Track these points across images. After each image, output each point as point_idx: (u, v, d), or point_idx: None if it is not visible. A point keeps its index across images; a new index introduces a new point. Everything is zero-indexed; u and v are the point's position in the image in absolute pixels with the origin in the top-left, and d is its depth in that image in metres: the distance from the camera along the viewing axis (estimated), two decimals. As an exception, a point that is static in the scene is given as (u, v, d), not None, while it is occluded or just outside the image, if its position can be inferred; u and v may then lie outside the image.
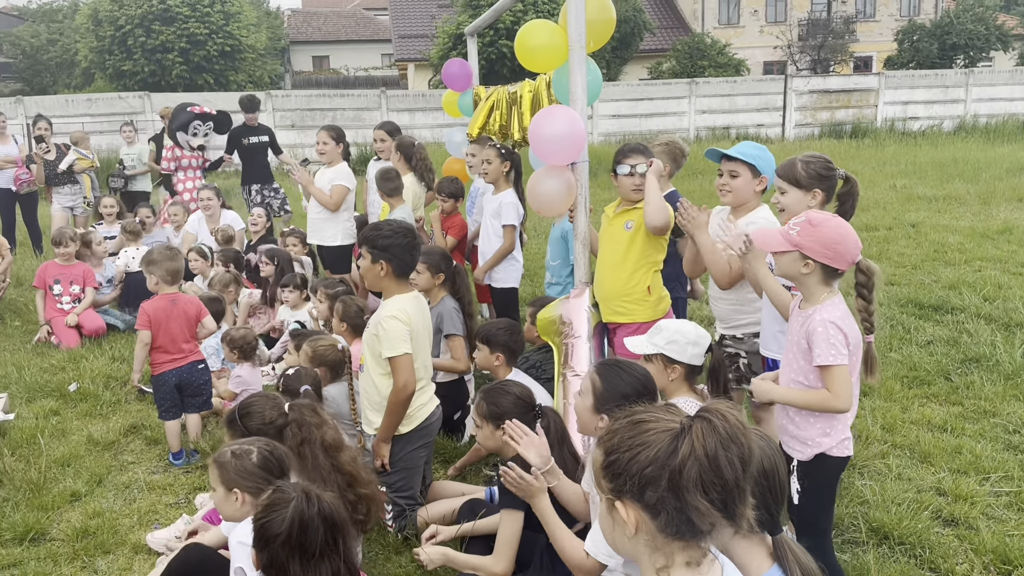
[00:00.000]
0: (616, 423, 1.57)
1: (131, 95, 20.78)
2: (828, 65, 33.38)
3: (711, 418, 1.50)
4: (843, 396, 2.74)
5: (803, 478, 2.89)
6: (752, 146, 3.74)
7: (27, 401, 5.70)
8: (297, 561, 2.24)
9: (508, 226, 5.58)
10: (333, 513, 2.28)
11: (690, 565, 1.54)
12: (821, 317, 2.75)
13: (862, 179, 14.29)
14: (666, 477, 1.46)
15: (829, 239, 2.77)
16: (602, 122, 22.52)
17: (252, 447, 2.92)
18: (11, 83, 38.20)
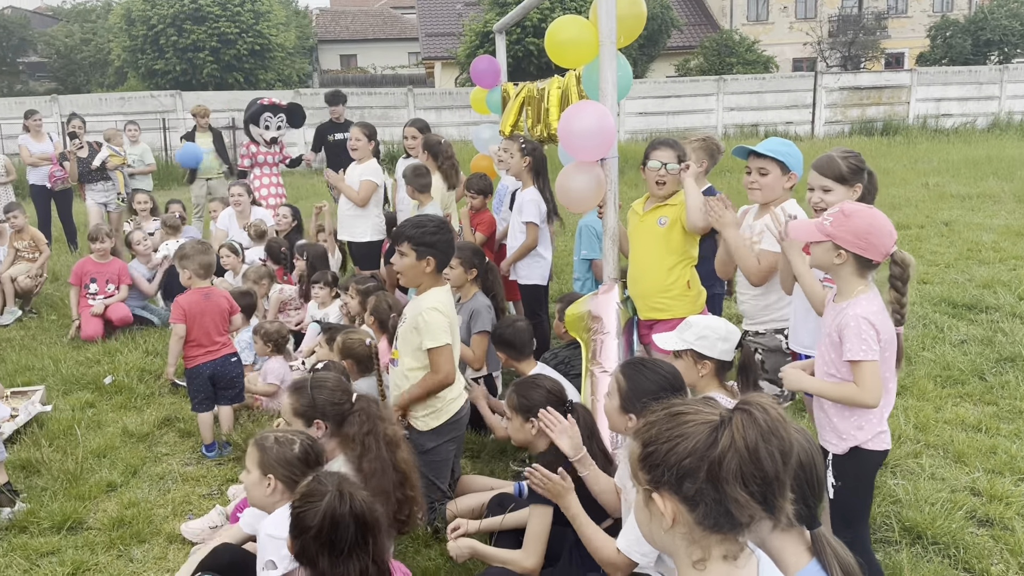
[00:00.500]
0: (653, 415, 1.56)
1: (163, 94, 21.06)
2: (859, 62, 32.99)
3: (752, 410, 1.49)
4: (871, 392, 2.72)
5: (838, 472, 2.89)
6: (780, 142, 3.71)
7: (64, 393, 5.81)
8: (326, 557, 2.25)
9: (530, 223, 5.59)
10: (365, 512, 2.28)
11: (727, 559, 1.53)
12: (854, 312, 2.73)
13: (893, 177, 14.16)
14: (705, 469, 1.45)
15: (862, 229, 2.74)
16: (629, 120, 22.44)
17: (296, 437, 2.95)
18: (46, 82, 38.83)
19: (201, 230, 9.96)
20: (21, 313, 7.86)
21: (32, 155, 10.31)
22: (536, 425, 3.35)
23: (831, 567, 2.02)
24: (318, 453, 2.98)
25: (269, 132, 9.24)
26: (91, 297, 7.24)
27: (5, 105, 19.72)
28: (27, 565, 3.66)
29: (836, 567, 2.02)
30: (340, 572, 2.23)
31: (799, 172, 3.67)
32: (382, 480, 3.27)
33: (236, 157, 19.40)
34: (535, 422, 3.35)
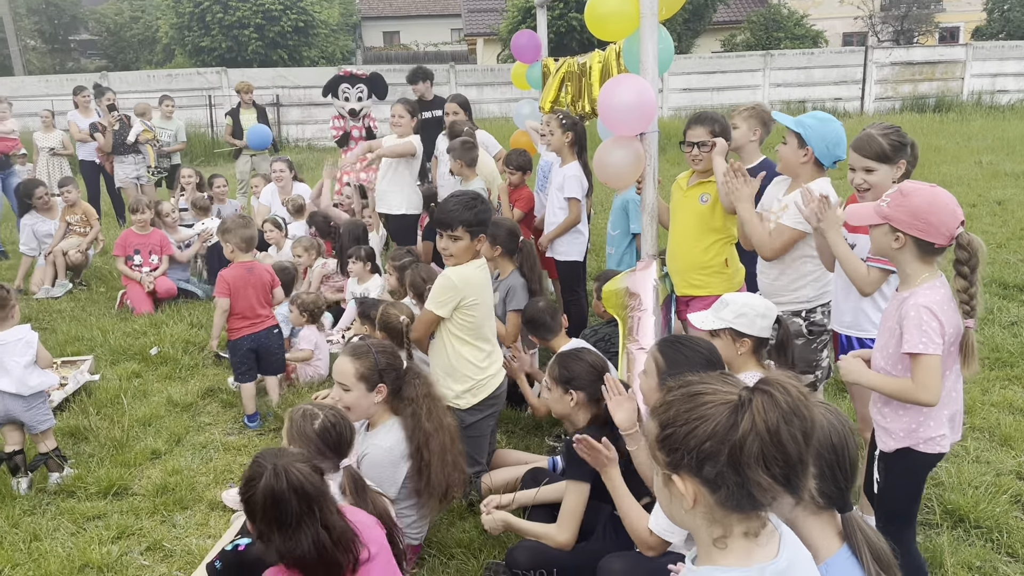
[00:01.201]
0: (671, 394, 1.52)
1: (209, 71, 21.27)
2: (912, 36, 32.04)
3: (772, 391, 1.44)
4: (930, 388, 2.52)
5: (884, 469, 2.76)
6: (814, 116, 3.60)
7: (111, 363, 5.95)
8: (277, 533, 2.27)
9: (572, 199, 5.54)
10: (303, 482, 2.27)
11: (748, 535, 1.51)
12: (915, 302, 2.56)
13: (945, 155, 13.81)
14: (726, 452, 1.42)
15: (919, 209, 2.55)
16: (672, 96, 22.12)
17: (320, 413, 2.96)
18: (96, 60, 39.50)
19: (245, 205, 10.10)
20: (72, 286, 8.06)
21: (81, 131, 10.51)
22: (575, 398, 3.35)
23: (861, 553, 1.98)
24: (339, 432, 2.96)
25: (350, 104, 8.85)
26: (136, 268, 7.40)
27: (57, 82, 20.09)
28: (74, 528, 3.78)
29: (867, 553, 1.98)
30: (293, 545, 2.24)
31: (815, 148, 3.54)
32: (441, 438, 3.36)
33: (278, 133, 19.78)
34: (574, 394, 3.35)
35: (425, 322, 3.86)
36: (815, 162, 3.60)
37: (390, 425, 3.36)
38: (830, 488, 2.01)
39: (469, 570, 3.34)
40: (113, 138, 10.15)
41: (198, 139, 18.81)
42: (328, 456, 2.93)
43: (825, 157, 3.59)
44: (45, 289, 7.87)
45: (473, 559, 3.39)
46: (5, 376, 4.13)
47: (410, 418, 3.34)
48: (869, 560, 1.99)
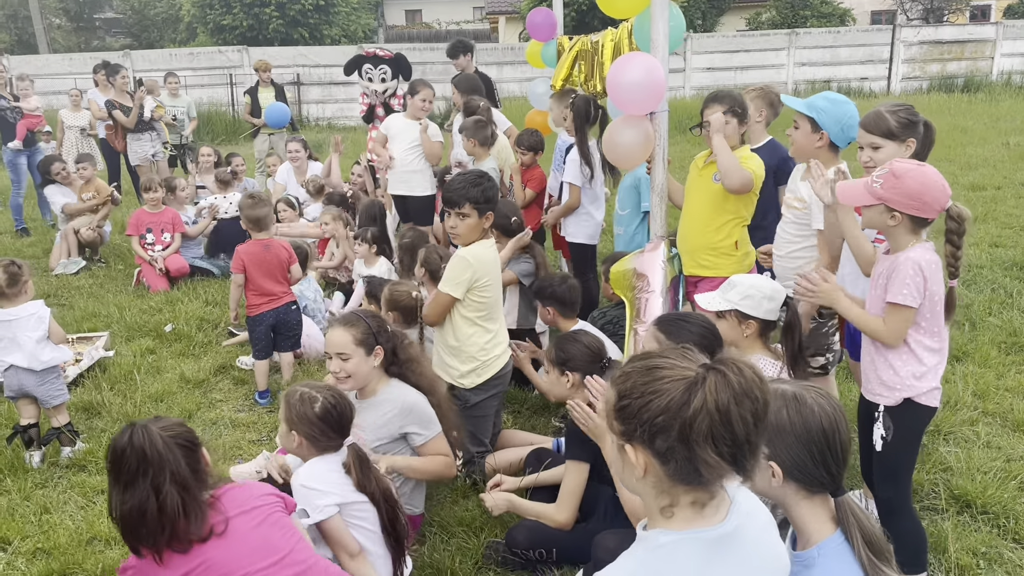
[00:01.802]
0: (631, 365, 1.55)
1: (230, 49, 21.32)
2: (942, 15, 31.42)
3: (726, 371, 1.47)
4: (894, 333, 2.77)
5: (888, 424, 2.86)
6: (825, 98, 3.52)
7: (126, 340, 6.02)
8: (112, 486, 2.29)
9: (571, 184, 5.52)
10: (146, 447, 2.25)
11: (695, 505, 1.55)
12: (907, 256, 2.72)
13: (972, 136, 13.57)
14: (677, 428, 1.46)
15: (914, 190, 2.68)
16: (695, 75, 21.89)
17: (319, 395, 2.93)
18: (121, 38, 39.76)
19: (263, 184, 10.13)
20: (85, 263, 8.14)
21: (101, 109, 10.56)
22: (571, 379, 3.35)
23: (853, 538, 1.97)
24: (340, 412, 2.94)
25: (374, 84, 8.48)
26: (149, 247, 7.46)
27: (81, 60, 20.25)
28: (84, 502, 3.83)
29: (859, 538, 1.97)
30: (124, 500, 2.25)
31: (835, 132, 3.48)
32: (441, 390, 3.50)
33: (298, 112, 19.80)
34: (570, 376, 3.35)
35: (442, 304, 3.80)
36: (830, 145, 3.54)
37: (395, 384, 3.39)
38: (822, 474, 2.00)
39: (470, 548, 3.35)
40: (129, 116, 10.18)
41: (219, 117, 18.90)
42: (331, 436, 2.93)
43: (840, 140, 3.52)
44: (62, 264, 7.97)
45: (474, 537, 3.41)
46: (18, 351, 4.20)
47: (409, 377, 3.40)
48: (861, 545, 1.97)
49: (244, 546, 2.32)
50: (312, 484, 2.80)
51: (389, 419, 3.27)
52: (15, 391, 4.25)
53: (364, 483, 2.90)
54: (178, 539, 2.26)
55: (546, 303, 4.50)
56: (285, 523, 2.47)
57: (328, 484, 2.84)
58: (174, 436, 2.33)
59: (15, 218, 9.90)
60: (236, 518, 2.34)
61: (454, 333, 3.84)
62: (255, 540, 2.35)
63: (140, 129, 10.28)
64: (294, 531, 2.49)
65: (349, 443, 2.98)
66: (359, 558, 2.82)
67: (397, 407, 3.29)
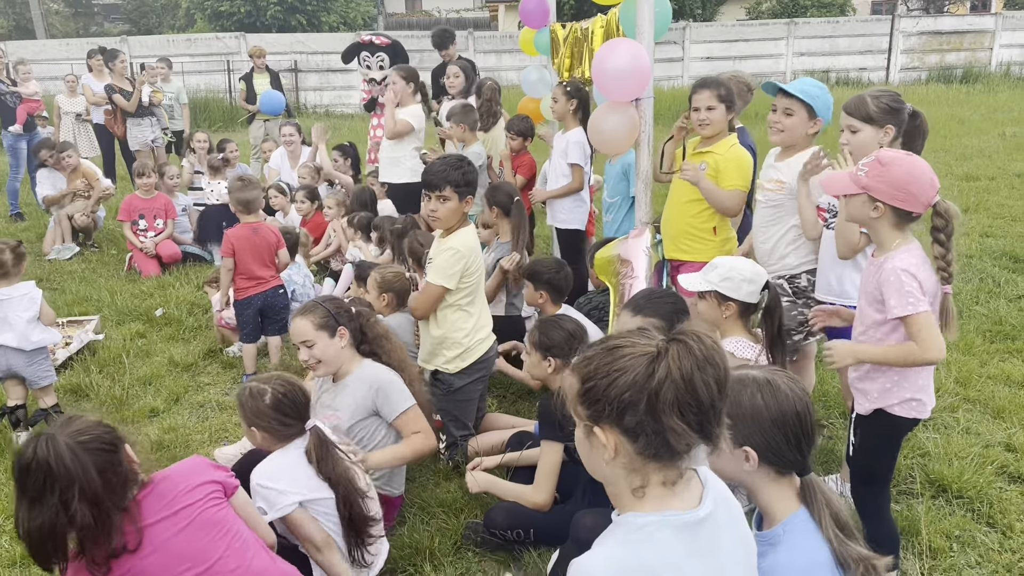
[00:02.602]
0: (591, 350, 1.57)
1: (228, 35, 21.29)
2: (942, 5, 31.32)
3: (687, 340, 1.50)
4: (933, 345, 2.52)
5: (859, 432, 2.80)
6: (812, 84, 3.57)
7: (117, 324, 6.05)
8: (20, 503, 2.17)
9: (575, 165, 5.52)
10: (50, 459, 2.12)
11: (665, 485, 1.56)
12: (892, 265, 2.57)
13: (969, 126, 13.53)
14: (644, 400, 1.48)
15: (900, 179, 2.55)
16: (693, 64, 21.85)
17: (267, 387, 2.91)
18: (120, 24, 39.64)
19: (258, 170, 10.14)
20: (79, 248, 8.16)
21: (95, 95, 10.55)
22: (553, 364, 3.37)
23: (820, 514, 1.99)
24: (293, 400, 2.91)
25: (372, 72, 8.32)
26: (142, 234, 7.47)
27: (78, 46, 20.19)
28: (69, 481, 3.86)
29: (826, 513, 2.00)
30: (31, 517, 2.13)
31: (827, 119, 3.53)
32: (412, 371, 3.52)
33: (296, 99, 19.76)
34: (552, 360, 3.37)
35: (433, 296, 3.75)
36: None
37: (367, 364, 3.39)
38: (795, 455, 2.03)
39: (449, 529, 3.38)
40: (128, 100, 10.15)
41: (216, 104, 18.89)
42: (289, 424, 2.91)
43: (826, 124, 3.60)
44: (56, 249, 7.99)
45: (454, 518, 3.44)
46: (8, 330, 4.24)
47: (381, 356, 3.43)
48: (829, 521, 2.00)
49: (165, 556, 2.23)
50: (270, 484, 2.77)
51: (361, 397, 3.30)
52: (3, 371, 4.28)
53: (325, 468, 2.88)
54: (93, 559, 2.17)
55: (539, 287, 4.51)
56: (218, 519, 2.36)
57: (289, 482, 2.81)
58: (87, 441, 2.18)
59: (11, 202, 9.90)
60: (155, 526, 2.23)
61: (438, 322, 3.84)
62: (178, 548, 2.25)
63: (140, 114, 10.23)
64: (229, 527, 2.39)
65: (311, 426, 2.95)
66: (328, 548, 2.81)
67: (366, 384, 3.31)
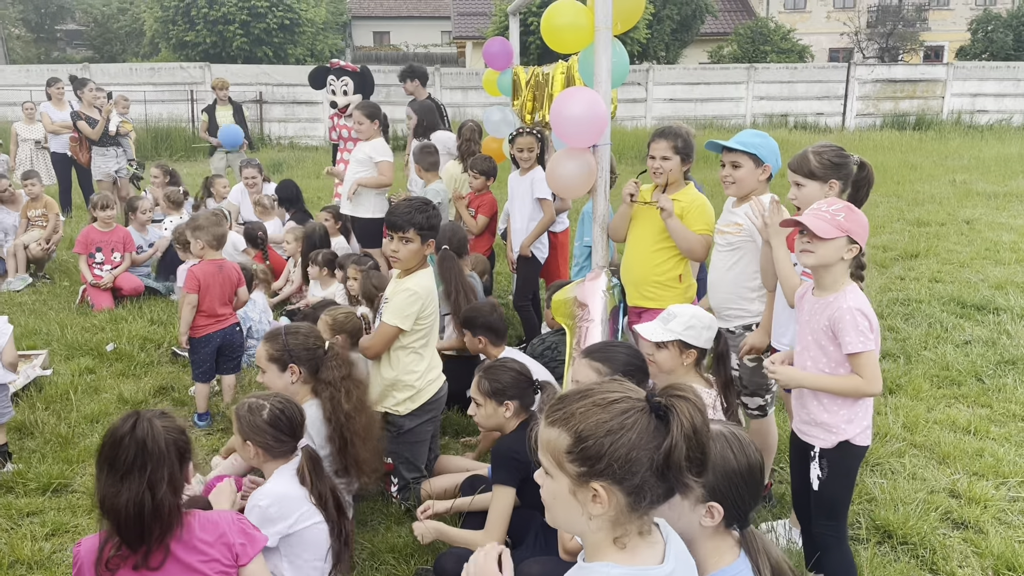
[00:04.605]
0: (577, 404, 1.55)
1: (192, 65, 21.20)
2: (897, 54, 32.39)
3: (687, 395, 1.52)
4: (876, 381, 2.79)
5: (825, 465, 2.91)
6: (753, 134, 3.68)
7: (66, 358, 5.92)
8: (105, 474, 2.29)
9: (543, 200, 5.61)
10: (146, 440, 2.28)
11: (641, 534, 1.58)
12: (848, 305, 2.76)
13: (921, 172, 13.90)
14: (654, 460, 1.48)
15: (866, 223, 2.82)
16: (656, 105, 22.25)
17: (266, 403, 3.01)
18: (83, 50, 39.29)
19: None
20: (32, 280, 8.00)
21: (53, 123, 10.44)
22: (510, 408, 3.37)
23: (760, 562, 2.02)
24: (289, 417, 3.02)
25: (337, 97, 8.24)
26: (97, 267, 7.33)
27: (38, 72, 19.97)
28: (9, 524, 3.75)
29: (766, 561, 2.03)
30: (113, 492, 2.25)
31: (774, 163, 3.64)
32: (362, 420, 3.45)
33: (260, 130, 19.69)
34: (508, 404, 3.37)
35: (388, 337, 3.74)
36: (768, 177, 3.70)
37: (312, 407, 3.44)
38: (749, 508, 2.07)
39: (399, 575, 3.34)
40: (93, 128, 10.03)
41: (178, 133, 18.76)
42: (284, 441, 3.01)
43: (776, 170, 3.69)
44: (7, 282, 7.83)
45: (404, 564, 3.41)
46: None
47: (328, 401, 3.42)
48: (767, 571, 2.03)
49: None
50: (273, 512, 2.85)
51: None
52: None
53: (318, 487, 2.98)
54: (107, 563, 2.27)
55: (477, 332, 4.52)
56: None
57: (288, 508, 2.89)
58: (176, 437, 2.36)
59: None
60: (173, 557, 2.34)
61: (391, 364, 3.82)
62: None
63: (105, 143, 10.12)
64: None
65: (303, 444, 3.06)
66: None
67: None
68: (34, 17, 38.89)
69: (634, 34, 23.67)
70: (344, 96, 8.21)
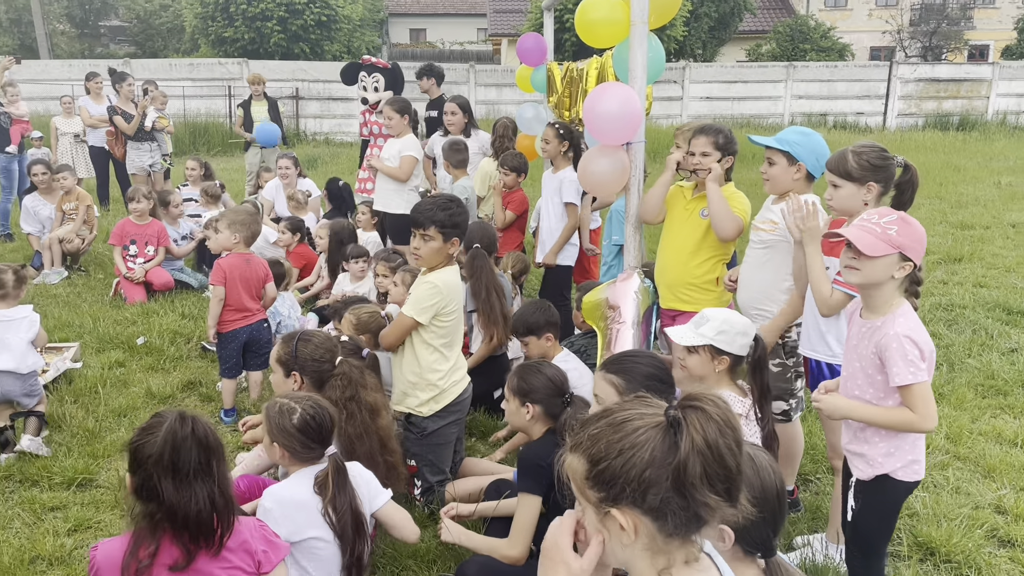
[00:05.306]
0: (593, 427, 1.45)
1: (230, 61, 21.37)
2: (940, 53, 31.68)
3: (702, 405, 1.40)
4: (929, 416, 2.52)
5: (859, 498, 2.73)
6: (795, 131, 3.54)
7: (97, 351, 5.95)
8: (170, 481, 2.17)
9: (570, 204, 5.49)
10: (208, 435, 2.24)
11: (689, 563, 1.46)
12: (895, 331, 2.53)
13: (965, 174, 13.58)
14: (669, 477, 1.37)
15: (923, 237, 2.55)
16: (692, 104, 21.99)
17: (297, 406, 2.92)
18: (126, 46, 39.86)
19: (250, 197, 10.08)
20: (68, 273, 8.07)
21: (92, 116, 10.55)
22: (531, 411, 3.29)
23: None
24: (320, 423, 2.91)
25: (368, 94, 8.22)
26: (131, 259, 7.37)
27: (80, 67, 20.21)
28: (32, 519, 3.75)
29: None
30: (187, 496, 2.15)
31: (811, 163, 3.48)
32: (367, 444, 3.36)
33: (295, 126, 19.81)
34: (531, 408, 3.29)
35: (404, 328, 3.70)
36: (807, 176, 3.54)
37: None
38: (768, 535, 1.96)
39: (420, 582, 3.28)
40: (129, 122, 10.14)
41: (216, 129, 18.92)
42: (312, 447, 2.92)
43: (816, 170, 3.53)
44: (43, 274, 7.90)
45: (425, 571, 3.33)
46: (6, 352, 4.29)
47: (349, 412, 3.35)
48: None
49: None
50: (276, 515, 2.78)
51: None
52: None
53: (340, 499, 2.85)
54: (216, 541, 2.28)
55: (543, 333, 4.45)
56: None
57: (290, 515, 2.79)
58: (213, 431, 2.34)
59: (1, 223, 9.82)
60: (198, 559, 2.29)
61: (417, 361, 3.75)
62: None
63: (140, 138, 10.22)
64: None
65: (331, 452, 2.96)
66: None
67: None
68: (78, 13, 39.47)
69: (671, 31, 23.41)
70: (375, 92, 8.19)
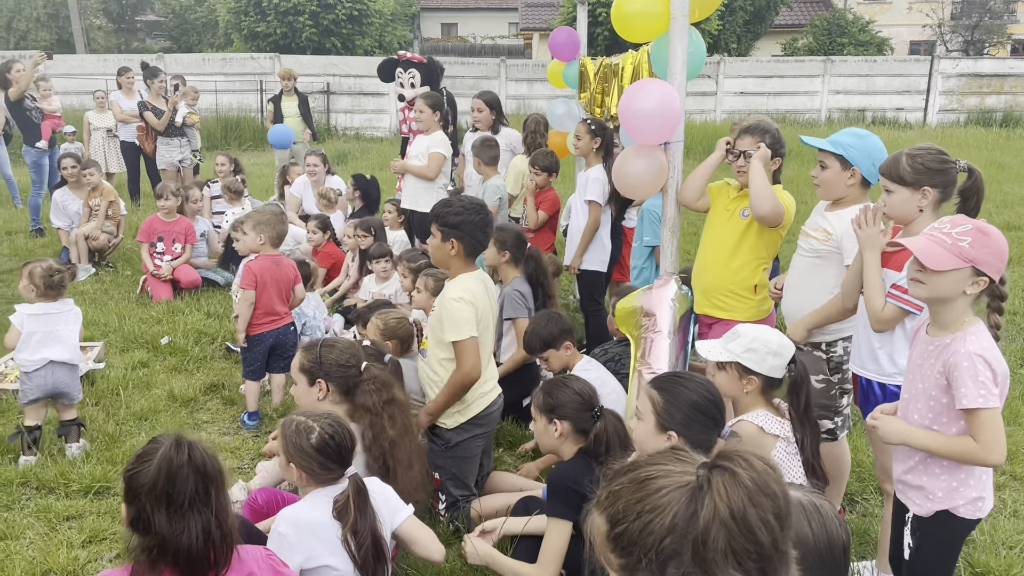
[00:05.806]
0: (617, 482, 1.27)
1: (262, 56, 21.39)
2: (982, 47, 30.88)
3: (732, 467, 1.19)
4: (996, 447, 2.26)
5: (917, 535, 2.51)
6: (850, 133, 3.29)
7: (121, 351, 5.87)
8: (163, 512, 2.01)
9: (592, 202, 5.30)
10: (206, 463, 2.07)
11: None
12: (966, 350, 2.29)
13: (1009, 173, 13.16)
14: (690, 549, 1.17)
15: (1002, 250, 2.30)
16: (727, 99, 21.60)
17: (316, 425, 2.77)
18: (161, 40, 40.23)
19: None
20: (95, 270, 8.03)
21: (123, 112, 10.54)
22: (559, 428, 3.11)
23: None
24: (339, 443, 2.75)
25: (404, 90, 7.99)
26: (158, 256, 7.31)
27: (115, 61, 20.30)
28: (46, 529, 3.64)
29: None
30: (180, 529, 2.00)
31: (866, 168, 3.24)
32: (408, 447, 3.22)
33: (327, 121, 19.78)
34: (559, 424, 3.11)
35: (473, 350, 3.47)
36: (862, 182, 3.30)
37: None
38: None
39: (444, 605, 3.12)
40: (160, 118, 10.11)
41: (248, 123, 18.95)
42: (330, 468, 2.77)
43: (872, 176, 3.28)
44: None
45: (450, 592, 3.18)
46: (58, 343, 4.30)
47: (369, 428, 3.18)
48: None
49: None
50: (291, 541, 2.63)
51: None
52: (45, 391, 4.25)
53: (360, 522, 2.69)
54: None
55: (560, 343, 4.31)
56: None
57: (304, 540, 2.65)
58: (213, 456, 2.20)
59: (32, 218, 9.83)
60: None
61: (439, 370, 3.59)
62: None
63: (170, 134, 10.21)
64: None
65: (351, 474, 2.81)
66: None
67: None
68: (115, 8, 39.90)
69: (705, 25, 23.01)
70: (412, 89, 7.96)
